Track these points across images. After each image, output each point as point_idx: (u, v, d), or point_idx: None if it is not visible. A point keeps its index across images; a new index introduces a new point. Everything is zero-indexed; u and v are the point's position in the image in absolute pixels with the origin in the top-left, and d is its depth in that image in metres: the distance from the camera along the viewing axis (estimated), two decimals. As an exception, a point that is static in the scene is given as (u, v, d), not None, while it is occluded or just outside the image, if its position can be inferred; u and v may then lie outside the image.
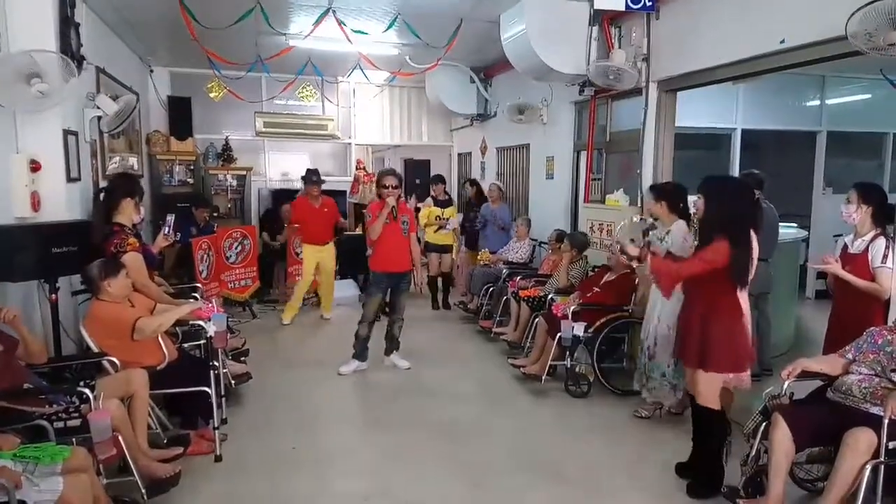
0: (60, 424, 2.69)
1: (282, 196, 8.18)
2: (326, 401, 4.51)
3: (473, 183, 7.93)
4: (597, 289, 4.67)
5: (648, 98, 5.01)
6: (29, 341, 2.96)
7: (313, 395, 4.57)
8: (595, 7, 4.74)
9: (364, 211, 5.11)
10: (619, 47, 5.21)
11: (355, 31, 5.81)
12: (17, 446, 2.38)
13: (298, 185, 8.90)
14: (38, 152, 3.92)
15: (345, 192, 8.70)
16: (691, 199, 3.55)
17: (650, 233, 3.35)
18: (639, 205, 5.02)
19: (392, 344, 5.17)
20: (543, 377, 4.48)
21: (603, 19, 5.21)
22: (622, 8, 4.68)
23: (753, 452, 2.84)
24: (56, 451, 2.37)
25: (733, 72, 4.32)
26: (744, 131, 7.12)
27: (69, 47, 4.25)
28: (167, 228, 4.24)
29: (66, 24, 4.25)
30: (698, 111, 6.32)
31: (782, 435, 2.66)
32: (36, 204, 3.84)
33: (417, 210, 7.40)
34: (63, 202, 4.05)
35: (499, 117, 8.05)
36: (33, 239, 3.44)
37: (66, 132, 4.17)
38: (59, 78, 3.51)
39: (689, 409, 3.90)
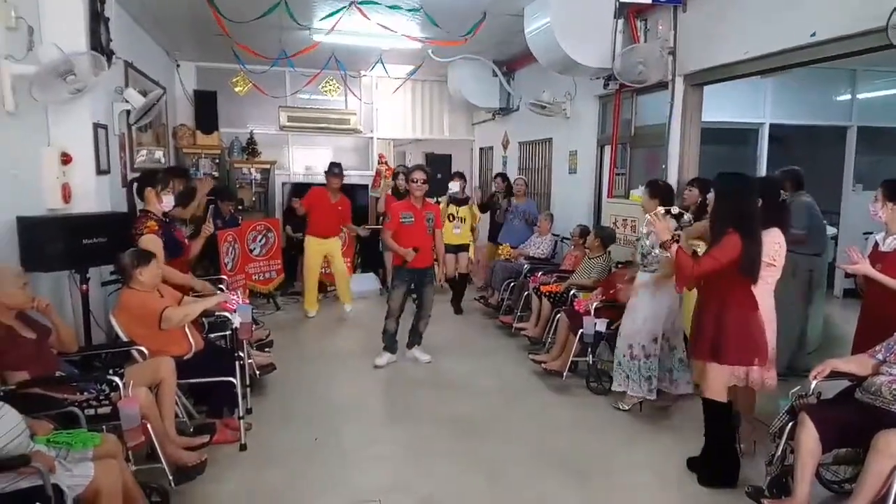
0: (91, 412, 2.74)
1: (305, 190, 8.23)
2: (348, 392, 4.55)
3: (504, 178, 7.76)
4: (620, 285, 4.62)
5: (674, 92, 4.94)
6: (61, 330, 3.05)
7: (335, 387, 4.61)
8: (621, 0, 4.68)
9: (394, 210, 5.08)
10: (645, 41, 5.16)
11: (391, 7, 5.71)
12: (50, 432, 2.44)
13: (322, 178, 8.98)
14: (69, 145, 4.00)
15: (367, 185, 8.73)
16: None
17: (683, 227, 3.38)
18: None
19: (415, 338, 5.20)
20: (565, 373, 4.47)
21: (628, 12, 5.16)
22: (649, 0, 4.63)
23: (779, 452, 2.80)
24: (87, 437, 2.43)
25: (762, 66, 4.24)
26: (772, 126, 6.99)
27: (99, 42, 4.32)
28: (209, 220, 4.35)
29: (96, 20, 4.33)
30: (725, 105, 6.21)
31: (809, 435, 2.63)
32: (67, 196, 3.92)
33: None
34: (93, 194, 4.13)
35: (521, 111, 8.01)
36: (64, 230, 3.50)
37: (96, 125, 4.25)
38: (91, 73, 3.57)
39: (674, 403, 4.12)
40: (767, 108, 6.96)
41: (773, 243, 3.17)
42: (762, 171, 7.05)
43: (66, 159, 3.94)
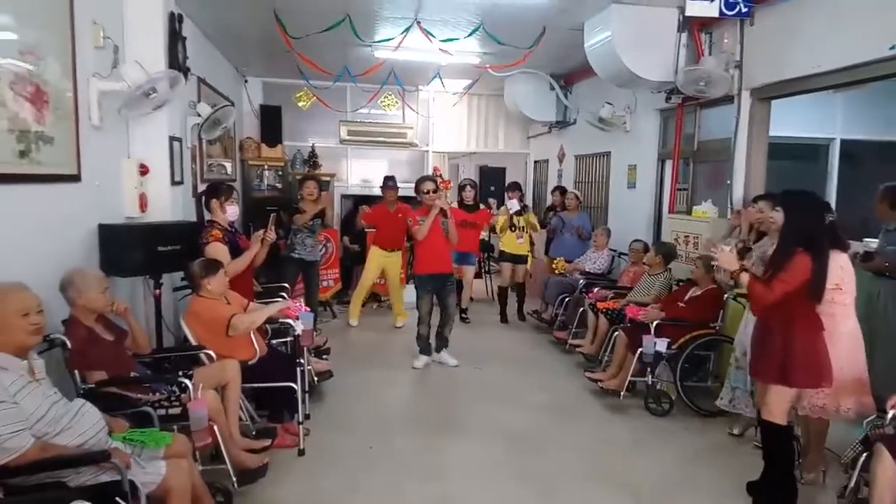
0: (162, 412, 2.86)
1: (362, 202, 8.39)
2: (401, 401, 4.61)
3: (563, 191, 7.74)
4: (681, 304, 4.51)
5: (741, 106, 4.82)
6: (137, 333, 3.20)
7: (389, 395, 4.68)
8: (686, 14, 4.61)
9: (413, 217, 5.26)
10: (710, 54, 5.05)
11: (444, 41, 5.89)
12: (126, 430, 2.56)
13: (378, 191, 9.15)
14: (147, 157, 4.22)
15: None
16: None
17: (751, 253, 3.25)
18: (728, 216, 4.83)
19: (442, 342, 5.36)
20: (622, 393, 4.38)
21: (692, 25, 5.07)
22: (716, 14, 4.53)
23: (852, 484, 2.67)
24: (160, 436, 2.54)
25: (834, 80, 4.10)
26: (843, 141, 6.70)
27: (176, 59, 4.56)
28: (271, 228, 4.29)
29: (175, 39, 4.57)
30: (793, 119, 6.00)
31: (886, 468, 2.49)
32: (144, 205, 4.13)
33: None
34: (168, 204, 4.33)
35: (578, 124, 7.95)
36: (141, 238, 3.67)
37: (172, 138, 4.47)
38: (170, 90, 3.78)
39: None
40: (838, 123, 6.69)
41: (837, 267, 3.05)
42: (832, 188, 6.78)
43: (143, 170, 4.15)
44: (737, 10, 4.52)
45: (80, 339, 2.82)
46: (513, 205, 6.85)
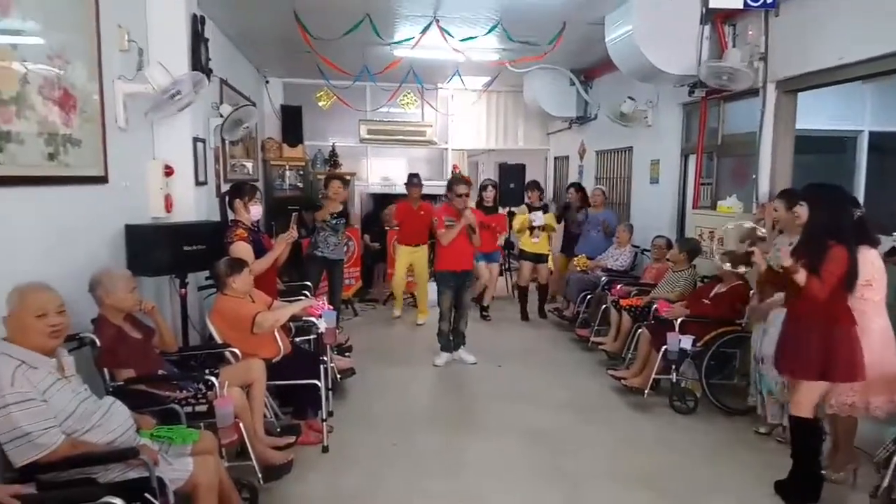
0: (189, 409, 2.90)
1: (382, 200, 8.43)
2: (423, 399, 4.62)
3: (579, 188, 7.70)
4: (706, 301, 4.45)
5: (766, 99, 4.73)
6: (164, 331, 3.26)
7: (410, 393, 4.69)
8: (710, 6, 4.53)
9: (439, 217, 5.26)
10: (734, 46, 4.97)
11: (463, 40, 5.89)
12: (153, 427, 2.61)
13: (399, 189, 9.19)
14: (172, 158, 4.27)
15: (441, 195, 8.82)
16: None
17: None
18: (753, 212, 4.76)
19: (459, 339, 5.39)
20: (646, 391, 4.33)
21: (715, 18, 4.99)
22: (740, 6, 4.45)
23: (885, 484, 2.62)
24: (187, 433, 2.58)
25: (863, 71, 3.99)
26: (872, 134, 6.55)
27: (199, 61, 4.62)
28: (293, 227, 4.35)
29: (197, 41, 4.63)
30: (819, 111, 5.88)
31: (921, 467, 2.44)
32: (169, 205, 4.19)
33: (512, 215, 7.40)
34: (192, 204, 4.39)
35: (599, 120, 7.87)
36: (167, 237, 3.72)
37: (195, 139, 4.53)
38: (193, 91, 3.82)
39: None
40: (867, 115, 6.54)
41: (868, 263, 3.01)
42: (861, 182, 6.63)
43: (168, 171, 4.21)
44: (762, 1, 4.43)
45: (109, 338, 2.87)
46: (537, 217, 6.83)
